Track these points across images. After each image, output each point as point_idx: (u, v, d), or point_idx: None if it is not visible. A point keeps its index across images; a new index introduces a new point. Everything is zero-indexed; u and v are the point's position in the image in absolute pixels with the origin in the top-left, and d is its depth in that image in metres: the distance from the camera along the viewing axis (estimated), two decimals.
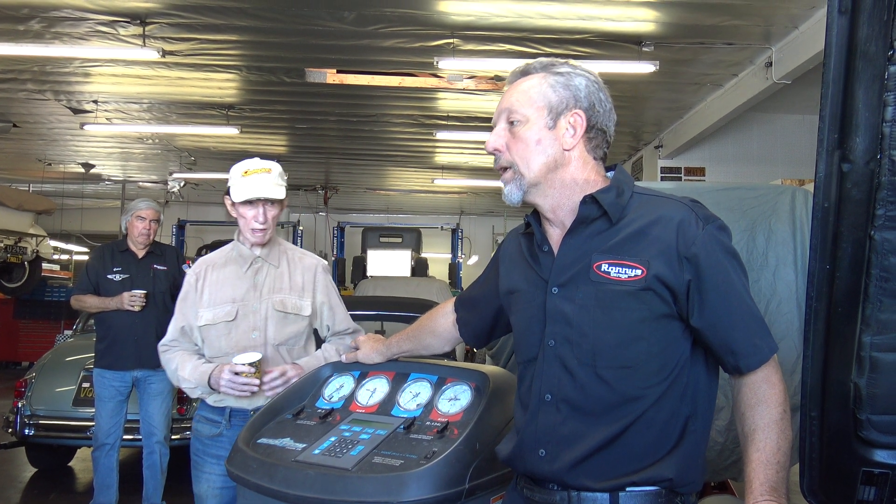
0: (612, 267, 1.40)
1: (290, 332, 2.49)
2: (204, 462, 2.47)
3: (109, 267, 4.31)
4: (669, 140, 9.68)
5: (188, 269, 4.53)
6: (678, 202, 1.43)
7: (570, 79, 1.48)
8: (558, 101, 1.46)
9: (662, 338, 1.40)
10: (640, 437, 1.40)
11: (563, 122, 1.46)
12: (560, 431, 1.43)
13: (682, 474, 1.41)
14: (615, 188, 1.46)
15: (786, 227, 3.05)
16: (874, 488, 1.66)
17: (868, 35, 1.34)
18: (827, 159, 1.44)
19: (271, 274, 2.53)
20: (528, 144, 1.46)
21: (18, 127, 10.16)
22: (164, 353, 2.58)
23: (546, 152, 1.46)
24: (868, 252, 1.46)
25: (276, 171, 2.49)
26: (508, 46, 6.69)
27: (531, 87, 1.48)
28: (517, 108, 1.47)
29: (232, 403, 2.45)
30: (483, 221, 17.28)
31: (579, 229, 1.46)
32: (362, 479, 1.64)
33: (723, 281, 1.38)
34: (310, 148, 11.32)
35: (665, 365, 1.40)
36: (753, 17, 6.05)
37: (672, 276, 1.37)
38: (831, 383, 1.62)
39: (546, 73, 1.49)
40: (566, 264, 1.45)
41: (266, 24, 6.35)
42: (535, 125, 1.46)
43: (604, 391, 1.40)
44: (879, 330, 1.51)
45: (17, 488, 5.33)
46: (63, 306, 10.99)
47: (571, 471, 1.41)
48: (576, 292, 1.43)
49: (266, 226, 2.48)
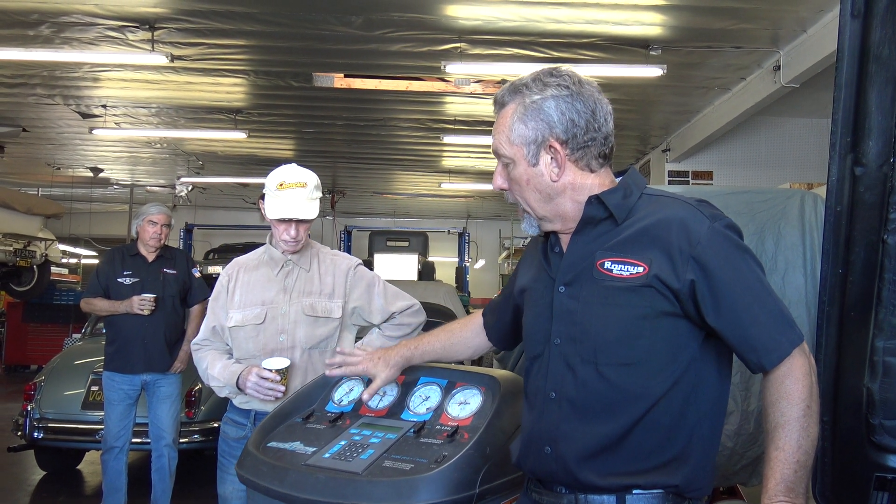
0: (614, 265, 1.40)
1: (321, 334, 2.49)
2: (229, 464, 2.47)
3: (119, 270, 4.33)
4: (677, 144, 9.66)
5: (197, 272, 4.57)
6: (684, 202, 1.43)
7: (540, 105, 1.43)
8: (533, 136, 1.43)
9: (665, 336, 1.39)
10: (645, 439, 1.39)
11: (543, 156, 1.44)
12: (563, 429, 1.43)
13: (690, 481, 1.39)
14: (622, 189, 1.46)
15: (795, 231, 3.05)
16: (888, 494, 1.65)
17: (881, 38, 1.34)
18: (839, 163, 1.44)
19: (302, 277, 2.53)
20: (521, 185, 1.47)
21: (28, 131, 10.22)
22: (196, 351, 2.60)
23: (539, 189, 1.46)
24: (881, 256, 1.45)
25: (312, 185, 2.47)
26: (516, 50, 6.70)
27: (506, 124, 1.46)
28: (501, 151, 1.48)
29: (257, 406, 2.45)
30: (490, 225, 17.26)
31: (586, 229, 1.46)
32: (372, 484, 1.64)
33: (735, 278, 1.36)
34: (317, 152, 11.35)
35: (668, 363, 1.39)
36: (761, 20, 6.04)
37: (672, 275, 1.36)
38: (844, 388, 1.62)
39: (516, 102, 1.46)
40: (572, 263, 1.46)
41: (274, 28, 6.37)
42: (520, 165, 1.46)
43: (605, 388, 1.40)
44: (892, 335, 1.50)
45: (25, 491, 5.35)
46: (72, 310, 11.04)
47: (579, 470, 1.41)
48: (580, 290, 1.44)
49: (298, 239, 2.49)
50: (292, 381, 2.40)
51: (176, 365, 4.30)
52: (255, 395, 2.36)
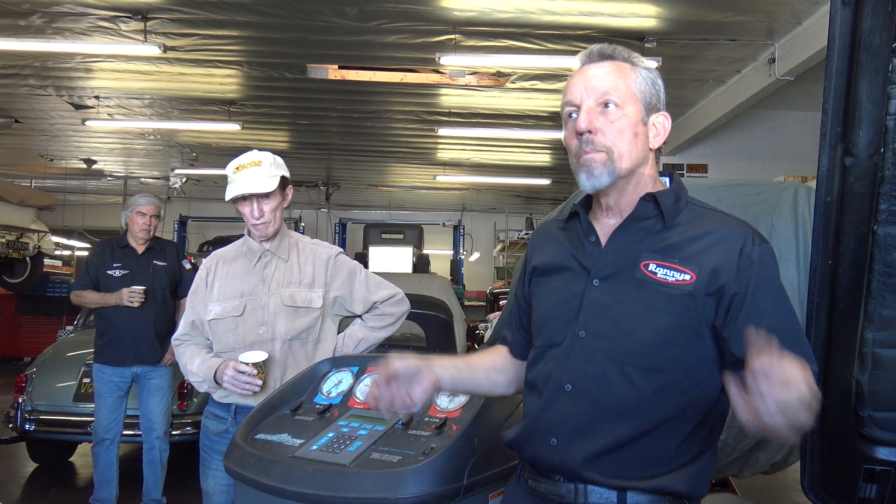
0: (659, 268, 1.38)
1: (302, 325, 2.46)
2: (211, 458, 2.45)
3: (109, 262, 4.30)
4: (672, 137, 9.52)
5: (188, 264, 4.55)
6: (737, 220, 1.43)
7: (655, 78, 1.46)
8: (650, 99, 1.44)
9: (694, 351, 1.37)
10: (658, 446, 1.37)
11: (652, 119, 1.45)
12: (575, 423, 1.40)
13: (693, 489, 1.39)
14: (674, 193, 1.45)
15: (788, 224, 3.04)
16: (876, 485, 1.65)
17: (872, 27, 1.33)
18: (830, 153, 1.43)
19: (280, 267, 2.50)
20: (625, 135, 1.41)
21: (20, 123, 10.16)
22: (177, 346, 2.58)
23: (640, 147, 1.43)
24: (871, 247, 1.45)
25: (268, 163, 2.43)
26: (510, 42, 6.68)
27: (627, 75, 1.44)
28: (616, 95, 1.42)
29: (237, 400, 2.43)
30: (485, 218, 17.24)
31: (631, 226, 1.44)
32: (360, 476, 1.63)
33: (771, 300, 1.37)
34: (311, 144, 11.31)
35: (692, 375, 1.37)
36: (757, 13, 6.03)
37: (720, 288, 1.35)
38: (833, 380, 1.61)
39: (632, 64, 1.46)
40: (612, 258, 1.43)
41: (268, 19, 6.33)
42: (634, 117, 1.42)
43: (627, 390, 1.37)
44: (882, 326, 1.50)
45: (17, 483, 5.34)
46: (65, 302, 10.99)
47: (582, 465, 1.39)
48: (618, 287, 1.41)
49: (264, 220, 2.44)
50: (272, 374, 2.38)
51: (166, 357, 4.28)
52: (233, 390, 2.34)
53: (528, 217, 15.30)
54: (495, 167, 12.21)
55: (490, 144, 10.88)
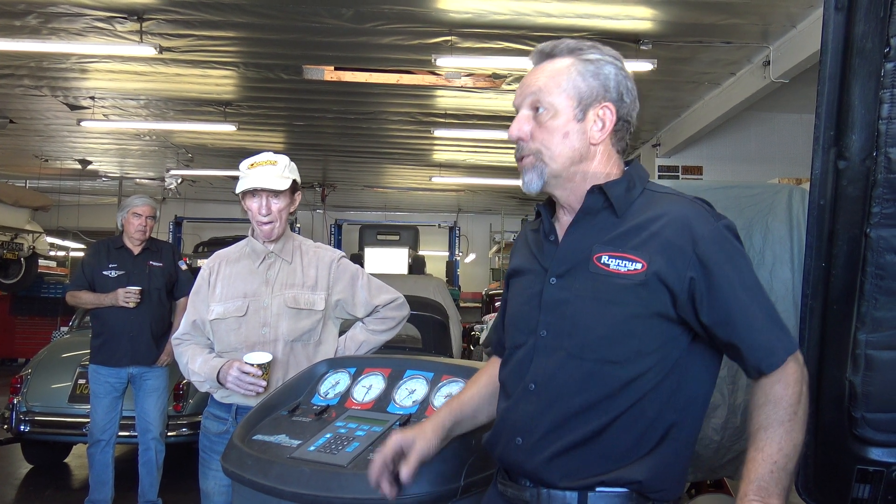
0: (612, 259, 1.36)
1: (304, 327, 2.47)
2: (211, 459, 2.46)
3: (105, 263, 4.30)
4: (667, 139, 9.68)
5: (184, 265, 4.55)
6: (687, 199, 1.40)
7: (600, 67, 1.41)
8: (588, 92, 1.40)
9: (655, 337, 1.36)
10: (620, 438, 1.36)
11: (591, 114, 1.41)
12: (540, 422, 1.40)
13: (654, 479, 1.35)
14: (626, 181, 1.43)
15: (783, 226, 3.06)
16: (869, 486, 1.67)
17: (864, 32, 1.34)
18: (823, 156, 1.44)
19: (284, 269, 2.51)
20: (554, 136, 1.40)
21: (15, 123, 10.13)
22: (177, 346, 2.58)
23: (573, 146, 1.40)
24: (864, 250, 1.46)
25: (283, 164, 2.48)
26: (506, 44, 6.69)
27: (559, 73, 1.41)
28: (545, 97, 1.41)
29: (238, 401, 2.43)
30: (480, 219, 17.25)
31: (584, 220, 1.42)
32: (357, 476, 1.64)
33: (735, 278, 1.34)
34: (307, 145, 11.30)
35: (654, 366, 1.36)
36: (751, 15, 6.05)
37: (673, 273, 1.33)
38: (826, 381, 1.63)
39: (574, 58, 1.42)
40: (567, 255, 1.42)
41: (264, 20, 6.33)
42: (563, 116, 1.40)
43: (589, 385, 1.37)
44: (875, 328, 1.51)
45: (12, 485, 5.33)
46: (59, 303, 10.95)
47: (547, 465, 1.38)
48: (573, 283, 1.39)
49: (271, 218, 2.46)
50: (274, 374, 2.39)
51: (162, 358, 4.28)
52: (236, 390, 2.34)
53: (523, 219, 15.33)
54: (491, 169, 12.21)
55: (486, 146, 10.89)
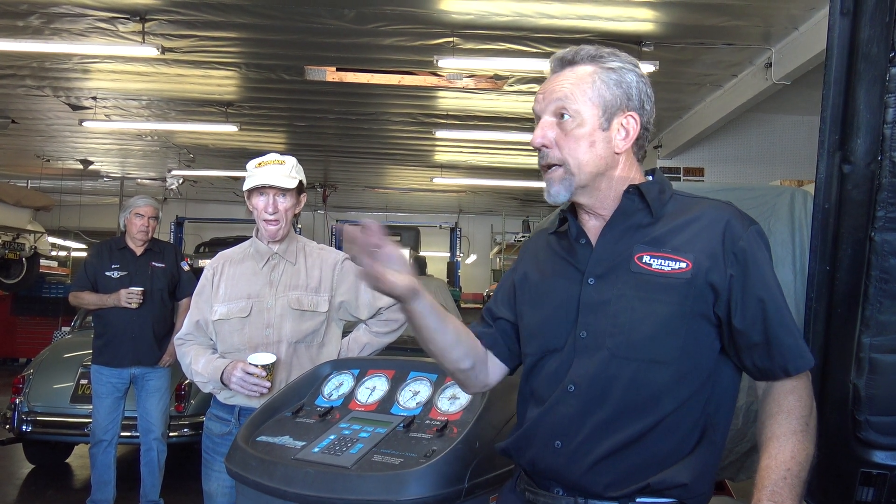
0: (654, 259, 1.36)
1: (308, 328, 2.47)
2: (214, 460, 2.46)
3: (107, 264, 4.31)
4: (669, 140, 9.68)
5: (186, 266, 4.55)
6: (721, 203, 1.41)
7: (623, 75, 1.41)
8: (612, 101, 1.40)
9: (696, 337, 1.36)
10: (665, 440, 1.35)
11: (615, 123, 1.41)
12: (582, 424, 1.37)
13: (697, 482, 1.35)
14: (658, 184, 1.44)
15: (784, 228, 3.06)
16: (872, 489, 1.67)
17: (870, 37, 1.35)
18: (828, 160, 1.45)
19: (288, 271, 2.52)
20: (580, 144, 1.39)
21: (17, 123, 10.14)
22: (180, 346, 2.58)
23: (598, 154, 1.40)
24: (868, 253, 1.46)
25: (290, 164, 2.51)
26: (508, 45, 6.69)
27: (583, 80, 1.40)
28: (571, 104, 1.39)
29: (241, 402, 2.43)
30: (482, 220, 17.25)
31: (619, 221, 1.42)
32: (361, 478, 1.64)
33: (771, 280, 1.36)
34: (309, 146, 11.30)
35: (696, 366, 1.36)
36: (753, 17, 6.05)
37: (717, 271, 1.34)
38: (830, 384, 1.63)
39: (596, 66, 1.41)
40: (604, 256, 1.41)
41: (266, 21, 6.34)
42: (590, 124, 1.39)
43: (634, 385, 1.35)
44: (879, 331, 1.51)
45: (14, 485, 5.33)
46: (61, 303, 10.98)
47: (590, 472, 1.36)
48: (614, 283, 1.39)
49: (277, 217, 2.47)
50: (278, 376, 2.39)
51: (165, 358, 4.29)
52: (240, 391, 2.35)
53: (524, 220, 15.32)
54: (492, 170, 12.22)
55: (487, 147, 10.89)
